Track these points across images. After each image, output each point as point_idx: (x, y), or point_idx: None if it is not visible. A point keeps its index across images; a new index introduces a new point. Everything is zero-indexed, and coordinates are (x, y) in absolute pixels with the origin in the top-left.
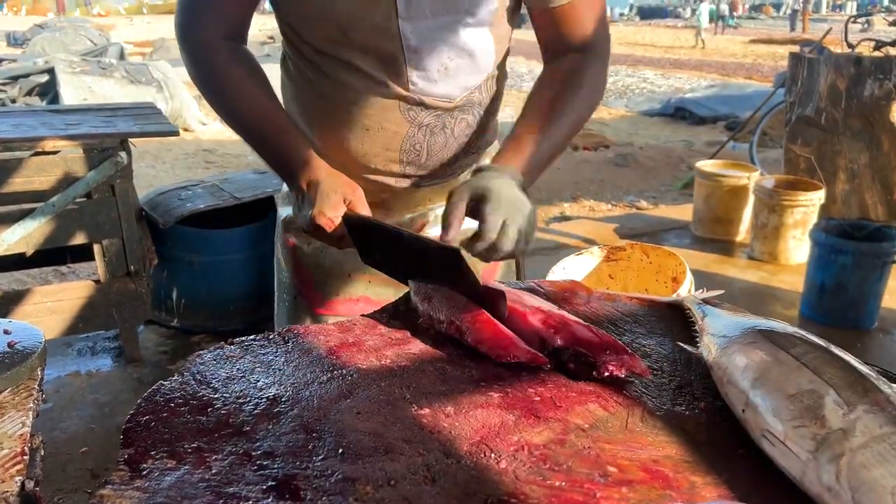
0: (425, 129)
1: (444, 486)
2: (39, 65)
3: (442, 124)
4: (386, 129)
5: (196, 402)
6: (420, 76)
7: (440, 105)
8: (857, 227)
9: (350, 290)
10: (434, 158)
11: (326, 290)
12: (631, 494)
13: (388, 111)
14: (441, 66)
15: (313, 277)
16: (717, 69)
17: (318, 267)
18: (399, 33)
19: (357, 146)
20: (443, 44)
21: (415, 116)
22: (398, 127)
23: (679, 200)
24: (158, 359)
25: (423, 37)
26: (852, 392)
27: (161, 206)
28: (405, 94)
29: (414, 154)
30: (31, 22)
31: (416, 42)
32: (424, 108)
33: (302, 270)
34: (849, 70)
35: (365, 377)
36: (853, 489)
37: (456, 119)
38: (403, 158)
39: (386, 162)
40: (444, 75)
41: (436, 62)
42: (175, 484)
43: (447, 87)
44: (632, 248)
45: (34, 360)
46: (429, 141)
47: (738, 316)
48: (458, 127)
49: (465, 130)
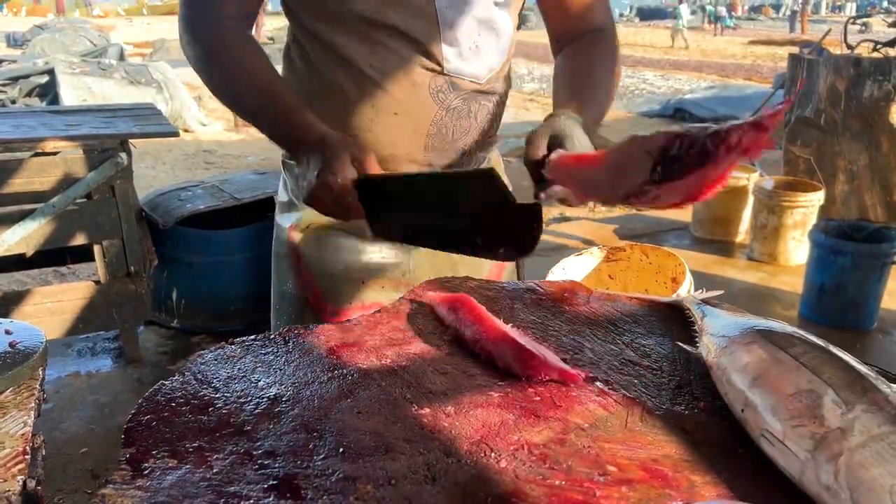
0: (453, 112)
1: (444, 485)
2: (39, 66)
3: (468, 108)
4: (415, 111)
5: (197, 401)
6: (454, 53)
7: (468, 86)
8: (857, 228)
9: (361, 297)
10: (457, 144)
11: (337, 298)
12: (630, 493)
13: (418, 93)
14: (472, 44)
15: (320, 286)
16: (716, 70)
17: (328, 276)
18: (435, 8)
19: (383, 133)
20: (474, 20)
21: (444, 99)
22: (427, 110)
23: None
24: (158, 359)
25: (458, 11)
26: (851, 392)
27: (161, 206)
28: (438, 72)
29: (440, 138)
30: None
31: (452, 16)
32: (453, 90)
33: (308, 280)
34: (848, 71)
35: (365, 377)
36: (851, 488)
37: (480, 104)
38: (429, 143)
39: (411, 149)
40: (474, 53)
41: (468, 38)
42: (176, 483)
43: (477, 65)
44: (631, 249)
45: (35, 359)
46: (454, 126)
47: (738, 316)
48: (481, 113)
49: (487, 117)
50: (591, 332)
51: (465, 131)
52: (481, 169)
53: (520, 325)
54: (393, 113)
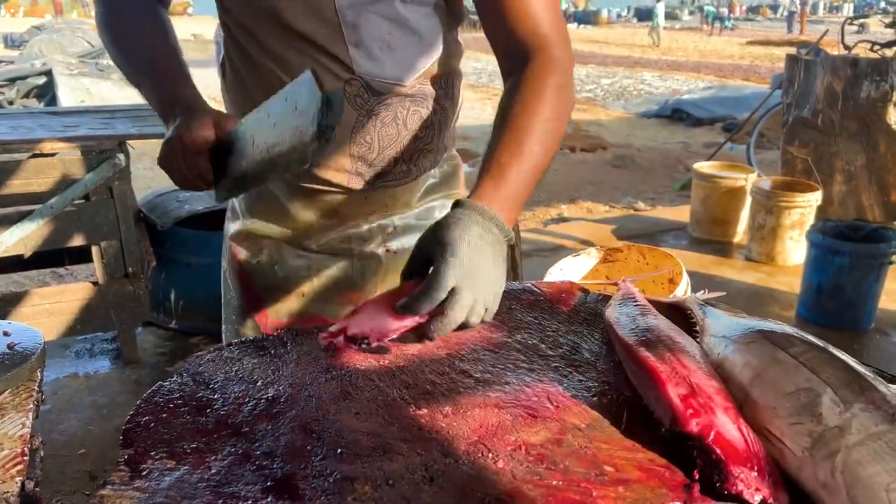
0: (375, 118)
1: (441, 485)
2: (37, 67)
3: (393, 114)
4: None
5: (195, 402)
6: (362, 54)
7: (389, 90)
8: (854, 229)
9: (303, 310)
10: (386, 153)
11: (278, 309)
12: (627, 493)
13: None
14: (383, 43)
15: (261, 296)
16: (714, 71)
17: (268, 285)
18: (335, 9)
19: None
20: (381, 17)
21: (363, 104)
22: (346, 116)
23: (676, 202)
24: (157, 360)
25: (360, 10)
26: (849, 391)
27: (159, 207)
28: (350, 76)
29: (365, 147)
30: (28, 24)
31: (353, 17)
32: (373, 95)
33: (250, 289)
34: (845, 72)
35: (363, 377)
36: (848, 486)
37: (408, 110)
38: (354, 152)
39: (336, 157)
40: (388, 53)
41: (376, 39)
42: (175, 484)
43: (394, 67)
44: (629, 250)
45: (34, 361)
46: (380, 133)
47: (738, 317)
48: (411, 119)
49: (418, 123)
50: (589, 333)
51: (394, 138)
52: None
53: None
54: None
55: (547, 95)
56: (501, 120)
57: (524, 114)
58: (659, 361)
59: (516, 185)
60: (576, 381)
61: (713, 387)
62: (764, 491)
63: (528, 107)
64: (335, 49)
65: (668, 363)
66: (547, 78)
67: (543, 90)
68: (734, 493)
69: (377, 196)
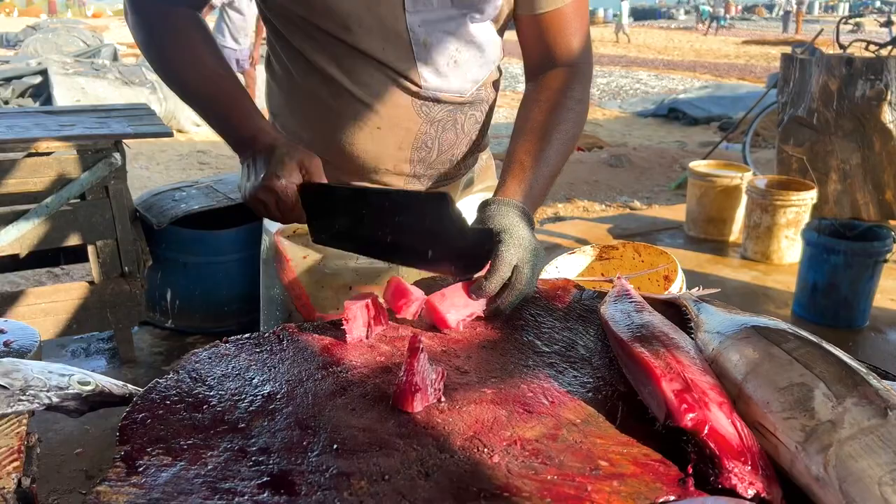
0: (437, 124)
1: (437, 480)
2: (32, 66)
3: (454, 120)
4: (399, 126)
5: (192, 399)
6: (430, 72)
7: (453, 100)
8: (849, 227)
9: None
10: (444, 156)
11: (325, 304)
12: (622, 488)
13: (401, 108)
14: (450, 60)
15: (308, 292)
16: (710, 70)
17: (314, 281)
18: (406, 28)
19: (368, 147)
20: (450, 36)
21: (428, 112)
22: (411, 124)
23: (672, 201)
24: (153, 360)
25: (431, 30)
26: (842, 385)
27: (155, 207)
28: (416, 91)
29: (425, 151)
30: (23, 23)
31: (425, 35)
32: (438, 104)
33: (296, 286)
34: (840, 71)
35: (359, 373)
36: (841, 479)
37: (466, 115)
38: (414, 157)
39: (396, 162)
40: (454, 69)
41: (445, 56)
42: (171, 480)
43: (458, 81)
44: (624, 247)
45: (30, 358)
46: (440, 137)
47: (733, 313)
48: (468, 123)
49: (474, 126)
50: (584, 329)
51: (452, 143)
52: (435, 193)
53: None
54: (376, 127)
55: (569, 106)
56: (525, 123)
57: (548, 123)
58: (653, 357)
59: (537, 188)
60: (571, 376)
61: (707, 382)
62: (757, 485)
63: (552, 117)
64: (404, 66)
65: (663, 359)
66: (571, 90)
67: (566, 102)
68: (728, 487)
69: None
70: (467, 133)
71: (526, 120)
